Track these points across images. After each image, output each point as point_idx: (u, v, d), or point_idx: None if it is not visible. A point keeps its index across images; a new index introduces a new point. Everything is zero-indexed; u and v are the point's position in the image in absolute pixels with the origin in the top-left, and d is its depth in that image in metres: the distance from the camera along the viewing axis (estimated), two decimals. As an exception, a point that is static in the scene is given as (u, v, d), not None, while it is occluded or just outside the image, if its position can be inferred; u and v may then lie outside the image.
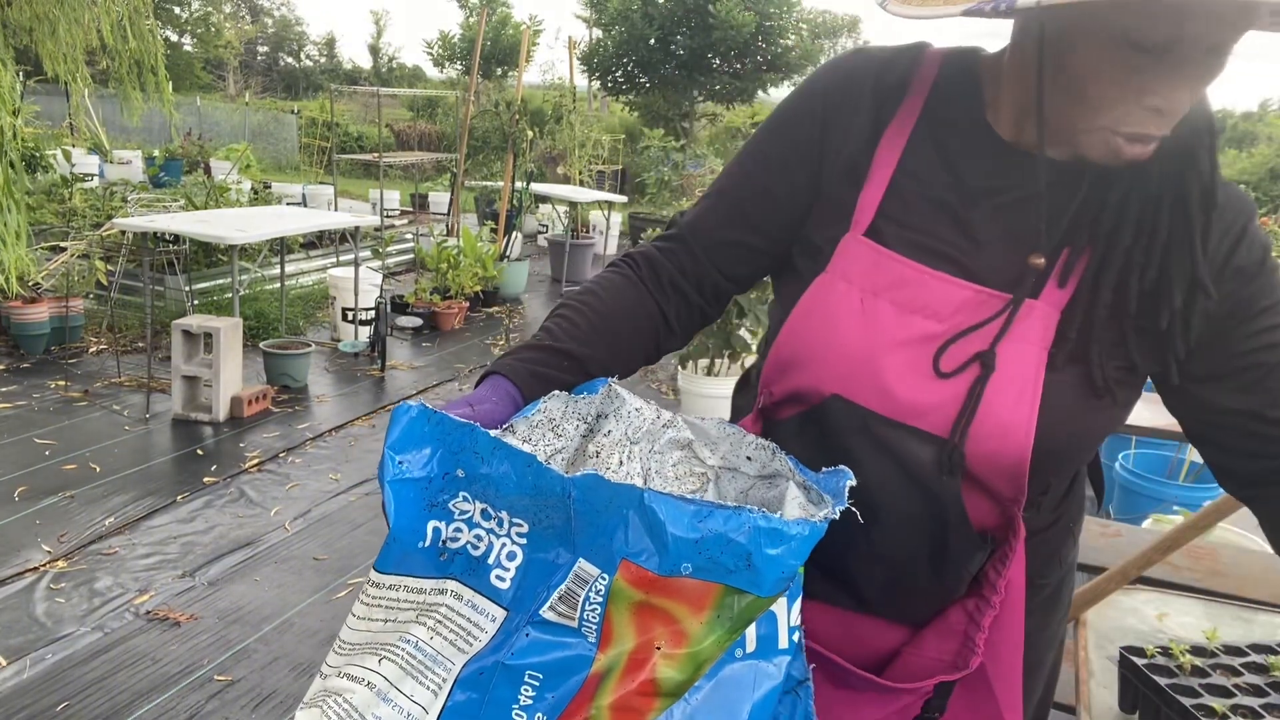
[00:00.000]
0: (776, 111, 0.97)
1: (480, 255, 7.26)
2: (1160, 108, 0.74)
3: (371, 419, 4.79)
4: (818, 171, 0.92)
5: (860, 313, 0.85)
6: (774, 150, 0.95)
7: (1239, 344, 0.85)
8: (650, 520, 0.67)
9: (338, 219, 6.28)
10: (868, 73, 0.91)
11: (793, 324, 0.89)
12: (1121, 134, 0.76)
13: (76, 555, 3.20)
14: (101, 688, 2.50)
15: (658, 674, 0.66)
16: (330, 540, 3.42)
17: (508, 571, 0.73)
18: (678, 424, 0.87)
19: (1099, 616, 1.35)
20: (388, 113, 18.99)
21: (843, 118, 0.91)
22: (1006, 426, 0.82)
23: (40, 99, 10.59)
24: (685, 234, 0.99)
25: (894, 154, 0.89)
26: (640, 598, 0.67)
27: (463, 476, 0.75)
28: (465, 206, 10.55)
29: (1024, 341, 0.83)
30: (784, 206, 0.94)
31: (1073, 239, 0.84)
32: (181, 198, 7.24)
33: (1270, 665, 1.09)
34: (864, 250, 0.87)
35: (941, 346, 0.84)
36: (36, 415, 4.46)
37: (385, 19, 33.98)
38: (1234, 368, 0.85)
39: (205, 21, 28.69)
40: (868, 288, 0.86)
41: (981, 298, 0.84)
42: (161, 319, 5.38)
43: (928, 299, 0.85)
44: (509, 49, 19.63)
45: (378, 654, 0.72)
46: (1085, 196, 0.84)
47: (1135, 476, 3.49)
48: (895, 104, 0.90)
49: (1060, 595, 1.05)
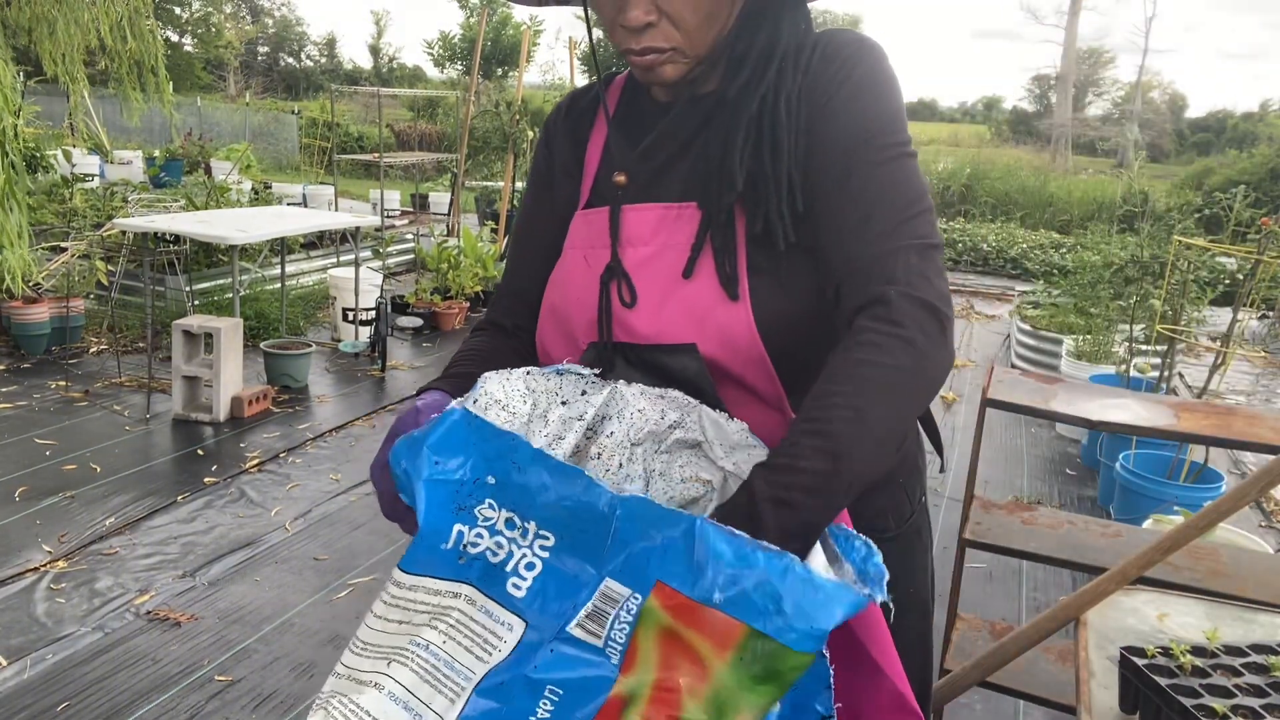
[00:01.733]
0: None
1: (481, 255, 7.26)
2: (627, 24, 0.91)
3: (372, 419, 4.79)
4: (554, 187, 1.12)
5: (586, 267, 1.00)
6: (530, 193, 1.15)
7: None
8: (692, 546, 0.67)
9: (338, 219, 6.28)
10: (563, 105, 1.16)
11: (544, 303, 1.06)
12: (625, 52, 0.94)
13: (77, 555, 3.20)
14: (102, 688, 2.50)
15: (684, 713, 0.66)
16: (330, 540, 3.43)
17: (525, 581, 0.73)
18: (688, 424, 0.87)
19: (1099, 616, 1.35)
20: (388, 113, 18.99)
21: (556, 143, 1.13)
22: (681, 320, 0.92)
23: (40, 99, 10.59)
24: (504, 288, 1.16)
25: (598, 148, 1.08)
26: (669, 623, 0.67)
27: (493, 483, 0.76)
28: (466, 207, 10.55)
29: (657, 244, 0.96)
30: (552, 229, 1.09)
31: (682, 161, 0.99)
32: (182, 198, 7.24)
33: (1271, 665, 1.09)
34: (580, 218, 1.04)
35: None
36: (37, 415, 4.46)
37: (386, 19, 33.98)
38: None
39: (205, 22, 28.69)
40: (586, 244, 1.01)
41: (672, 212, 0.97)
42: (162, 319, 5.38)
43: (632, 230, 0.98)
44: (509, 49, 19.63)
45: (389, 657, 0.73)
46: (679, 120, 0.99)
47: (1135, 476, 3.49)
48: (591, 116, 1.11)
49: (909, 559, 1.06)
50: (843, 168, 0.89)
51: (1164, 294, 4.43)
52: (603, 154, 1.07)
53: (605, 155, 1.07)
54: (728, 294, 0.91)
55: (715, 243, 0.93)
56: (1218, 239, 4.92)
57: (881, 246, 0.85)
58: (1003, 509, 2.34)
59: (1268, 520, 3.98)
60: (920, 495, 1.10)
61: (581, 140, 1.10)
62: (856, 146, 0.89)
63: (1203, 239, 4.86)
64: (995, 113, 43.59)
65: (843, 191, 0.89)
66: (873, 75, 0.92)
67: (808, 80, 0.93)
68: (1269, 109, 27.58)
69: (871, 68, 0.93)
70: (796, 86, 0.93)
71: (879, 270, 0.84)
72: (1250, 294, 4.14)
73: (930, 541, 1.14)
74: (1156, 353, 4.50)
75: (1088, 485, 4.31)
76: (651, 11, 0.90)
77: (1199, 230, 5.24)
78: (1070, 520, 2.29)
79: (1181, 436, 2.06)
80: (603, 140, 1.08)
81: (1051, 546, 2.14)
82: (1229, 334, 4.07)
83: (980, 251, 10.96)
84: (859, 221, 0.87)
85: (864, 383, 0.79)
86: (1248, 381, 6.47)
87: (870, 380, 0.79)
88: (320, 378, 5.39)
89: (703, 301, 0.92)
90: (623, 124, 1.08)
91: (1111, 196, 13.09)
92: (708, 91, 1.00)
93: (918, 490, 1.09)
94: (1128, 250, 5.20)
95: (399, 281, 7.99)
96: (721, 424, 0.88)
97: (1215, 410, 2.19)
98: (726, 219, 0.93)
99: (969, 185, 15.13)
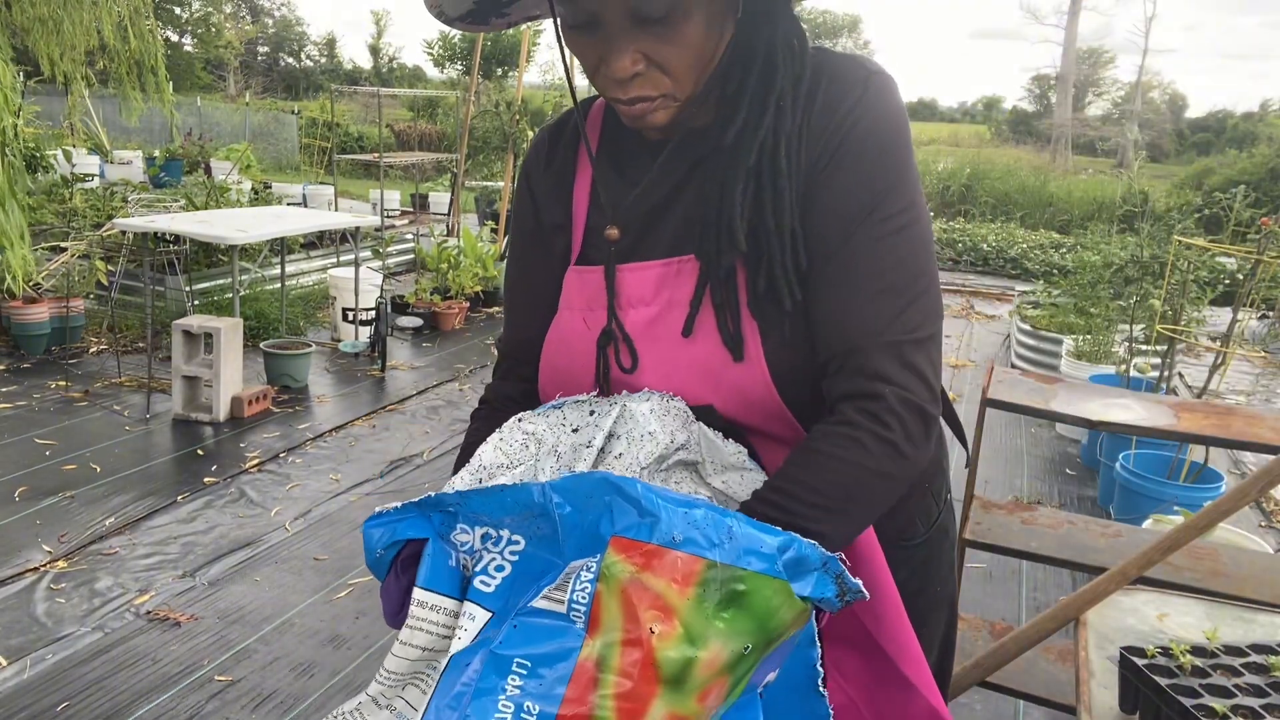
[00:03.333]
0: (512, 213, 1.13)
1: (480, 255, 7.26)
2: (613, 75, 0.85)
3: (372, 419, 4.79)
4: (545, 241, 1.04)
5: (585, 330, 0.95)
6: (519, 247, 1.08)
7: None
8: (635, 498, 0.70)
9: (338, 219, 6.29)
10: (542, 145, 1.06)
11: (543, 365, 1.00)
12: (612, 100, 0.89)
13: (77, 555, 3.20)
14: (102, 688, 2.50)
15: (657, 657, 0.67)
16: (330, 540, 3.42)
17: (493, 579, 0.75)
18: (690, 444, 0.88)
19: (1099, 616, 1.35)
20: (388, 113, 18.99)
21: (541, 186, 1.05)
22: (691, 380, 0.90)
23: (40, 99, 10.58)
24: (506, 351, 1.10)
25: (585, 191, 1.01)
26: (630, 572, 0.69)
27: (453, 511, 0.78)
28: (465, 207, 10.55)
29: (655, 304, 0.92)
30: (550, 284, 1.03)
31: (676, 206, 0.93)
32: (182, 198, 7.23)
33: (1271, 665, 1.09)
34: (574, 276, 0.98)
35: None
36: (37, 415, 4.46)
37: (386, 19, 33.99)
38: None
39: (205, 22, 28.69)
40: (584, 305, 0.96)
41: (672, 268, 0.92)
42: (162, 319, 5.38)
43: (633, 290, 0.93)
44: (509, 49, 19.63)
45: (405, 681, 0.75)
46: (670, 163, 0.93)
47: (1135, 476, 3.49)
48: (574, 154, 1.03)
49: (938, 557, 1.07)
50: (841, 236, 0.85)
51: (1164, 294, 4.43)
52: (590, 198, 1.00)
53: (594, 200, 1.00)
54: (732, 355, 0.88)
55: (715, 299, 0.89)
56: (1218, 239, 4.91)
57: (877, 339, 0.83)
58: (1003, 509, 2.34)
59: (1268, 520, 3.98)
60: (946, 493, 1.09)
61: (566, 185, 1.03)
62: (858, 215, 0.85)
63: (1203, 239, 4.86)
64: (995, 112, 43.51)
65: (840, 263, 0.85)
66: (878, 129, 0.86)
67: (809, 123, 0.87)
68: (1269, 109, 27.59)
69: (877, 119, 0.86)
70: (796, 126, 0.87)
71: (872, 364, 0.83)
72: (1250, 294, 4.14)
73: (955, 536, 1.13)
74: (1156, 353, 4.50)
75: (1088, 485, 4.31)
76: (639, 61, 0.84)
77: (1199, 230, 5.23)
78: (1070, 520, 2.29)
79: (1181, 436, 2.06)
80: (588, 182, 1.01)
81: (1051, 546, 2.14)
82: (1229, 334, 4.07)
83: (980, 251, 10.96)
84: (858, 301, 0.84)
85: (844, 485, 0.82)
86: (1248, 381, 6.47)
87: (850, 482, 0.82)
88: (320, 378, 5.39)
89: (711, 362, 0.89)
90: (610, 162, 1.01)
91: (1111, 196, 13.09)
92: (699, 126, 0.93)
93: (943, 489, 1.09)
94: (1128, 250, 5.20)
95: (399, 281, 7.99)
96: (717, 444, 0.89)
97: (1215, 410, 2.19)
98: (726, 275, 0.88)
99: (969, 185, 15.13)
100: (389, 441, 4.48)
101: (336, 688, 2.56)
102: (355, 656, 2.71)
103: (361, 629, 2.85)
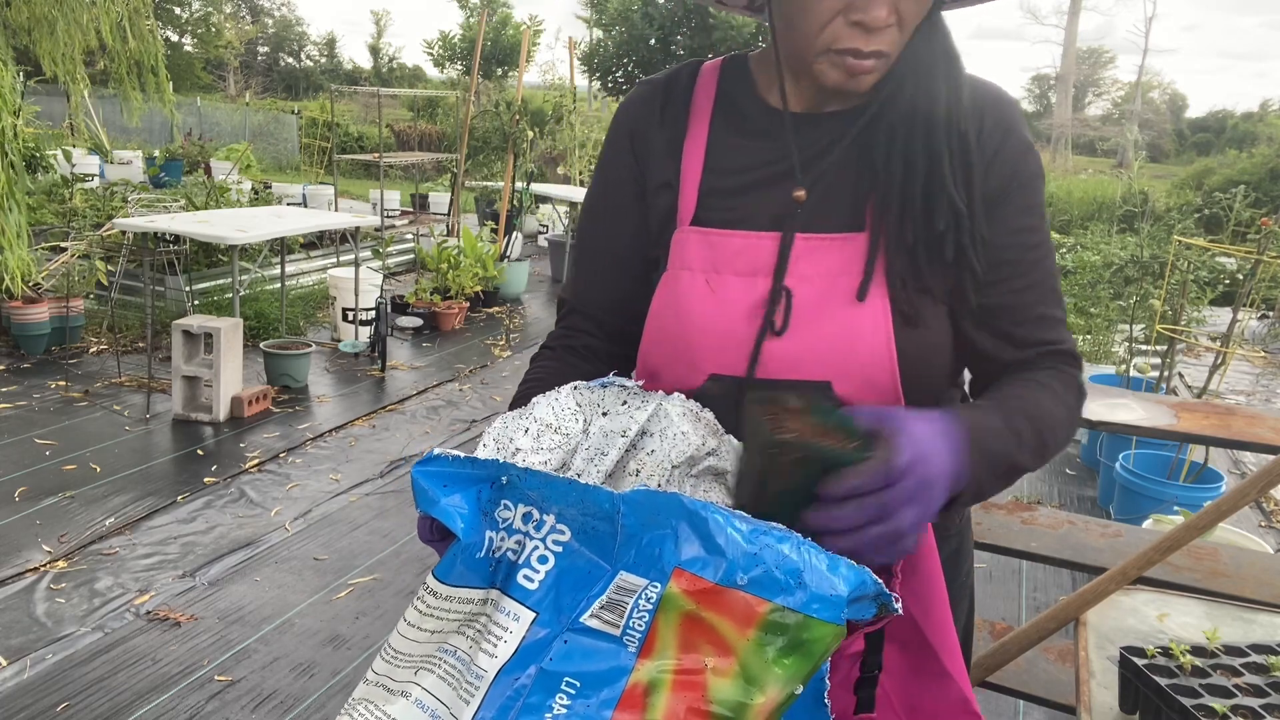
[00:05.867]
0: (597, 165, 1.07)
1: (481, 255, 7.26)
2: (862, 21, 0.81)
3: (372, 419, 4.79)
4: (644, 197, 1.01)
5: (709, 293, 0.92)
6: (609, 200, 1.04)
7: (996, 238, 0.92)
8: (707, 531, 0.68)
9: (338, 219, 6.29)
10: (654, 96, 1.02)
11: (651, 326, 0.96)
12: (837, 52, 0.84)
13: (77, 555, 3.20)
14: (102, 688, 2.50)
15: (710, 694, 0.65)
16: (330, 540, 3.42)
17: (537, 574, 0.73)
18: (721, 452, 0.87)
19: (1099, 617, 1.35)
20: (388, 113, 18.96)
21: (647, 143, 1.01)
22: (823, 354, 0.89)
23: (40, 99, 10.60)
24: (575, 305, 1.07)
25: (699, 150, 0.97)
26: (690, 608, 0.67)
27: (506, 483, 0.76)
28: (465, 207, 10.55)
29: (825, 277, 0.90)
30: (639, 242, 1.01)
31: (856, 179, 0.92)
32: (182, 198, 7.23)
33: (1271, 665, 1.09)
34: (694, 236, 0.94)
35: (772, 297, 0.91)
36: (37, 415, 4.46)
37: (386, 19, 34.00)
38: (989, 261, 0.92)
39: (205, 22, 28.70)
40: (708, 268, 0.93)
41: (813, 243, 0.91)
42: (162, 319, 5.38)
43: (763, 259, 0.91)
44: (509, 49, 19.64)
45: (419, 665, 0.73)
46: (854, 139, 0.92)
47: (1135, 476, 3.49)
48: (686, 112, 1.00)
49: (962, 550, 1.09)
50: (1029, 225, 0.94)
51: (1164, 294, 4.43)
52: (705, 162, 0.97)
53: (709, 164, 0.97)
54: (905, 321, 0.90)
55: (890, 274, 0.90)
56: (1218, 239, 4.92)
57: (1058, 310, 0.97)
58: (1002, 509, 2.34)
59: (1268, 520, 3.98)
60: None
61: (677, 144, 0.99)
62: (1036, 207, 0.95)
63: (1203, 239, 4.86)
64: (995, 113, 43.40)
65: (1028, 247, 0.94)
66: (1039, 159, 0.98)
67: (983, 128, 0.92)
68: (1269, 109, 27.59)
69: (1036, 151, 0.98)
70: (976, 123, 0.91)
71: (1057, 330, 0.96)
72: (1250, 294, 4.14)
73: (971, 524, 1.15)
74: (1156, 353, 4.50)
75: (1088, 485, 4.31)
76: (892, 13, 0.82)
77: (1199, 230, 5.23)
78: (1070, 520, 2.29)
79: (1181, 436, 2.06)
80: (702, 142, 0.97)
81: (1051, 546, 2.14)
82: (1229, 334, 4.07)
83: (980, 251, 10.96)
84: (1044, 281, 0.95)
85: (1063, 422, 0.92)
86: (1248, 381, 6.47)
87: (1064, 422, 0.92)
88: (320, 378, 5.39)
89: (856, 337, 0.89)
90: (728, 125, 0.98)
91: (1111, 196, 13.08)
92: (860, 101, 0.91)
93: None
94: (1128, 250, 5.20)
95: (399, 281, 8.00)
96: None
97: (1215, 410, 2.19)
98: (910, 247, 0.89)
99: (969, 185, 15.12)
100: (389, 441, 4.48)
101: (336, 688, 2.56)
102: (355, 656, 2.71)
103: (361, 629, 2.85)
